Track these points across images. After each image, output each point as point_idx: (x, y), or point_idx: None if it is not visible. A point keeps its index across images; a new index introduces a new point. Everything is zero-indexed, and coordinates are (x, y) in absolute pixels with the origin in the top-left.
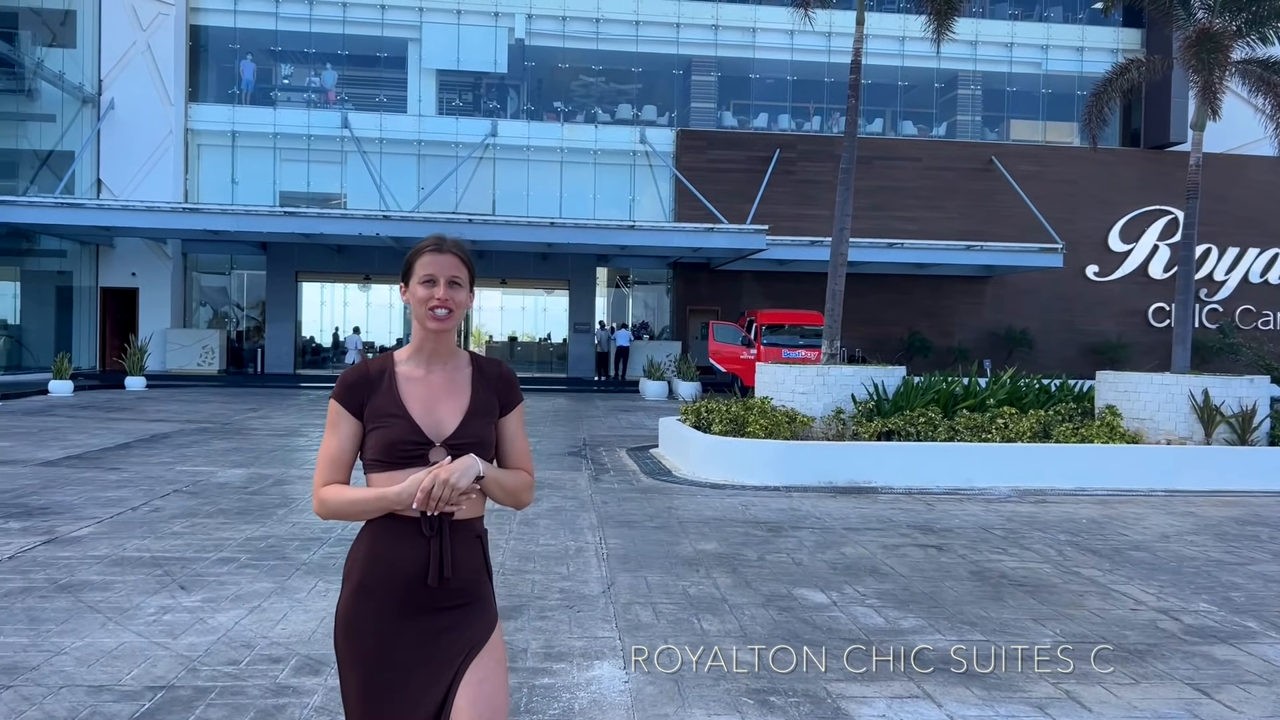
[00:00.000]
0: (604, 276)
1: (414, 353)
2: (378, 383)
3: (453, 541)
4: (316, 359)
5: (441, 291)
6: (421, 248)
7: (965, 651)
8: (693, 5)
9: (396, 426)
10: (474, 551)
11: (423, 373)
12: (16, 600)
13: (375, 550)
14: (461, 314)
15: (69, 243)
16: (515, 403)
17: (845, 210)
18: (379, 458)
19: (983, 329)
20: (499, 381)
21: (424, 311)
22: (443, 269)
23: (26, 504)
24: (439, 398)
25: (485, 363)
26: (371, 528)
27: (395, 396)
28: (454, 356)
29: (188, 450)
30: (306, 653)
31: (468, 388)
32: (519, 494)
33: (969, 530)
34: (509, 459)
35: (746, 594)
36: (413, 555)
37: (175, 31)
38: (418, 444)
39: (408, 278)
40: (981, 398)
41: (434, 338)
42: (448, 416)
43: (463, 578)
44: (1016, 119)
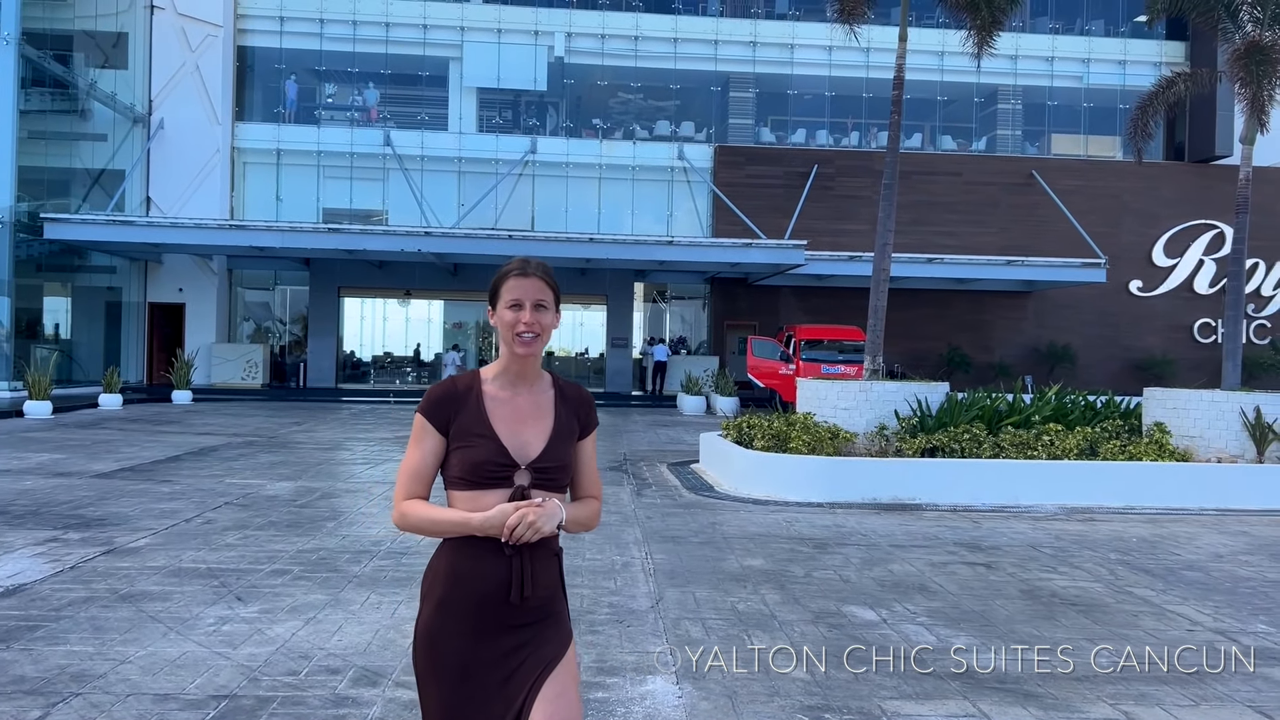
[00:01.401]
0: (640, 291)
1: (500, 373)
2: (465, 400)
3: (533, 559)
4: (357, 373)
5: (528, 315)
6: (507, 271)
7: (1020, 671)
8: (731, 22)
9: (483, 447)
10: (551, 568)
11: (509, 394)
12: (80, 609)
13: (456, 567)
14: (549, 336)
15: (119, 259)
16: (593, 426)
17: (888, 226)
18: (463, 476)
19: (1024, 344)
20: (580, 404)
21: (511, 335)
22: (529, 292)
23: (84, 515)
24: (525, 420)
25: (566, 385)
26: (452, 545)
27: (483, 416)
28: (539, 379)
29: (235, 463)
30: (364, 664)
31: (552, 410)
32: (590, 524)
33: (1017, 548)
34: (581, 481)
35: (795, 610)
36: (494, 573)
37: (223, 52)
38: (503, 466)
39: (494, 301)
40: (1026, 414)
41: (520, 360)
42: (533, 439)
43: (541, 595)
44: (1058, 133)
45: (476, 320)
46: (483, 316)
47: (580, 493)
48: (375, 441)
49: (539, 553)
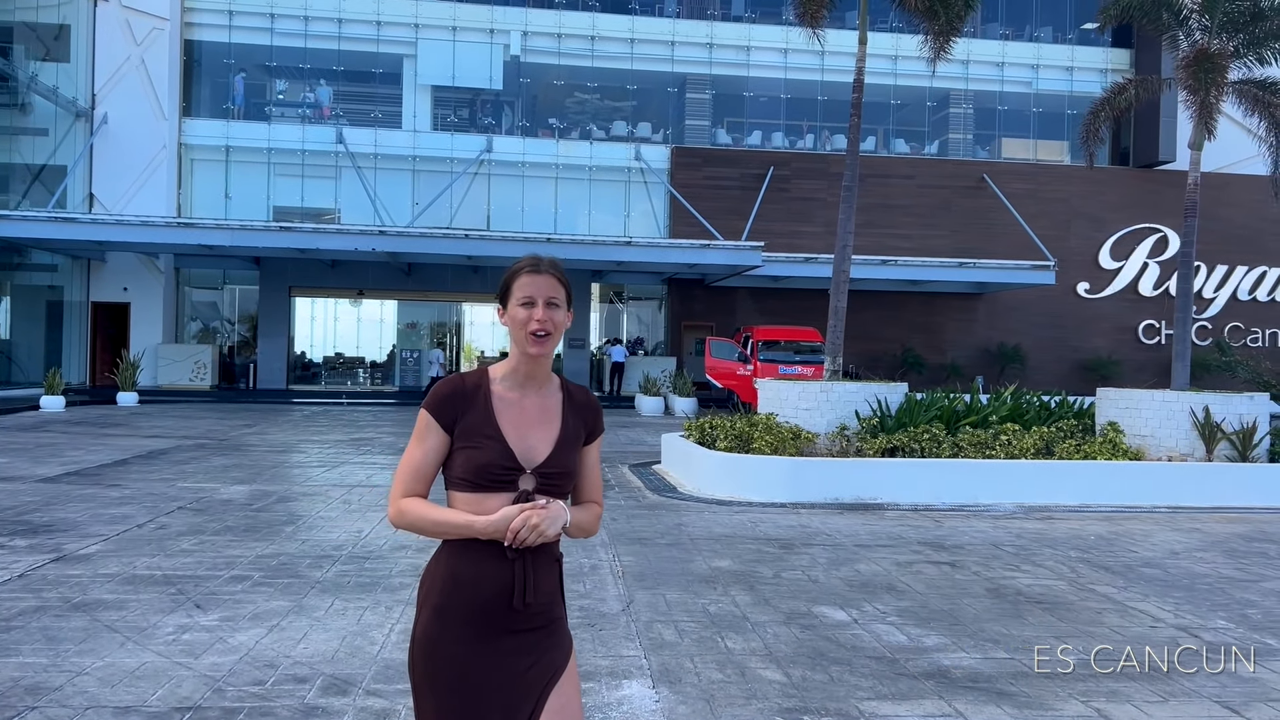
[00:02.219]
0: (597, 292)
1: (509, 373)
2: (473, 399)
3: (535, 564)
4: (308, 375)
5: (541, 313)
6: (518, 269)
7: (993, 669)
8: (688, 24)
9: (489, 449)
10: (553, 574)
11: (517, 395)
12: (32, 619)
13: (456, 572)
14: (560, 335)
15: (60, 257)
16: (599, 432)
17: (848, 228)
18: (466, 477)
19: (975, 345)
20: (587, 410)
21: (523, 335)
22: (541, 290)
23: (30, 521)
24: (532, 423)
25: (575, 389)
26: (451, 548)
27: (490, 417)
28: (548, 381)
29: (187, 467)
30: (332, 672)
31: (559, 415)
32: (591, 529)
33: (980, 547)
34: (584, 487)
35: (767, 612)
36: (495, 577)
37: (170, 46)
38: (508, 469)
39: (505, 299)
40: (984, 414)
41: (531, 361)
42: (540, 443)
43: (542, 600)
44: (1008, 137)
45: (430, 321)
46: (437, 317)
47: (582, 497)
48: (330, 444)
49: (541, 558)
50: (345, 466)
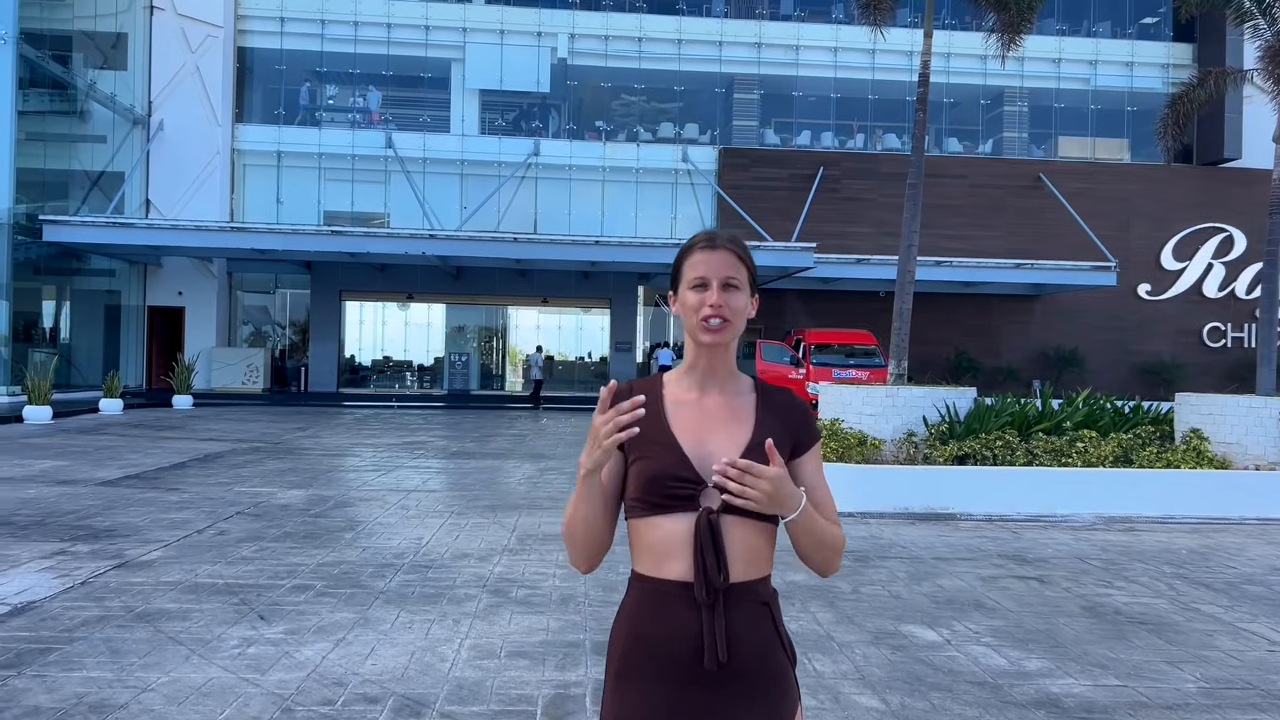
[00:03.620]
0: (643, 295)
1: (685, 372)
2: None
3: (733, 609)
4: (357, 378)
5: (715, 296)
6: (690, 245)
7: (1107, 699)
8: (736, 23)
9: (661, 457)
10: (760, 621)
11: (695, 395)
12: (95, 630)
13: (636, 627)
14: (741, 323)
15: (118, 262)
16: (811, 440)
17: (913, 226)
18: (640, 496)
19: (1031, 348)
20: (790, 411)
21: (695, 322)
22: (716, 269)
23: (92, 526)
24: (714, 426)
25: (772, 390)
26: (631, 595)
27: (662, 422)
28: (733, 378)
29: (243, 470)
30: (403, 692)
31: (751, 416)
32: (831, 554)
33: (1065, 560)
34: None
35: (852, 631)
36: (682, 630)
37: (223, 53)
38: (685, 481)
39: (676, 283)
40: (1058, 420)
41: (708, 353)
42: (722, 449)
43: (747, 655)
44: (1065, 135)
45: (477, 325)
46: (484, 320)
47: None
48: (383, 447)
49: (740, 599)
50: (400, 471)
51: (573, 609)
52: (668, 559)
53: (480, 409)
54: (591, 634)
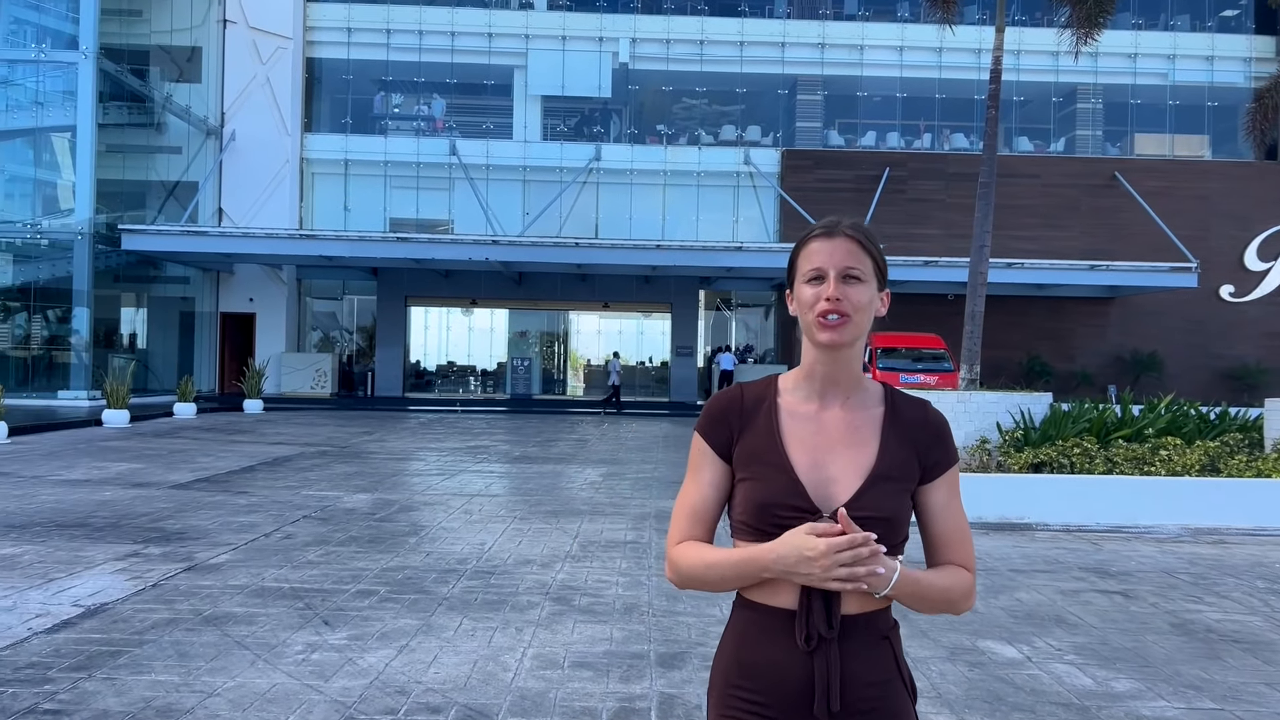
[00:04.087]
0: (704, 299)
1: (802, 379)
2: (753, 414)
3: (848, 647)
4: (422, 383)
5: (832, 288)
6: (807, 235)
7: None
8: (799, 24)
9: (771, 481)
10: (880, 657)
11: (813, 407)
12: (164, 633)
13: (740, 660)
14: (866, 322)
15: (192, 269)
16: (947, 464)
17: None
18: (746, 521)
19: (1107, 353)
20: (922, 430)
21: (811, 318)
22: (834, 259)
23: (164, 528)
24: (833, 446)
25: (904, 401)
26: (733, 627)
27: (774, 438)
28: (858, 388)
29: (310, 474)
30: (465, 702)
31: (876, 436)
32: (954, 602)
33: (1150, 574)
34: (936, 543)
35: (927, 646)
36: (792, 665)
37: (293, 64)
38: (797, 512)
39: (791, 279)
40: (1139, 427)
41: (827, 357)
42: (842, 475)
43: (864, 696)
44: (1141, 133)
45: (539, 330)
46: (546, 325)
47: (937, 559)
48: (446, 451)
49: (858, 636)
50: (463, 475)
51: (637, 619)
52: (778, 586)
53: (542, 413)
54: (656, 645)
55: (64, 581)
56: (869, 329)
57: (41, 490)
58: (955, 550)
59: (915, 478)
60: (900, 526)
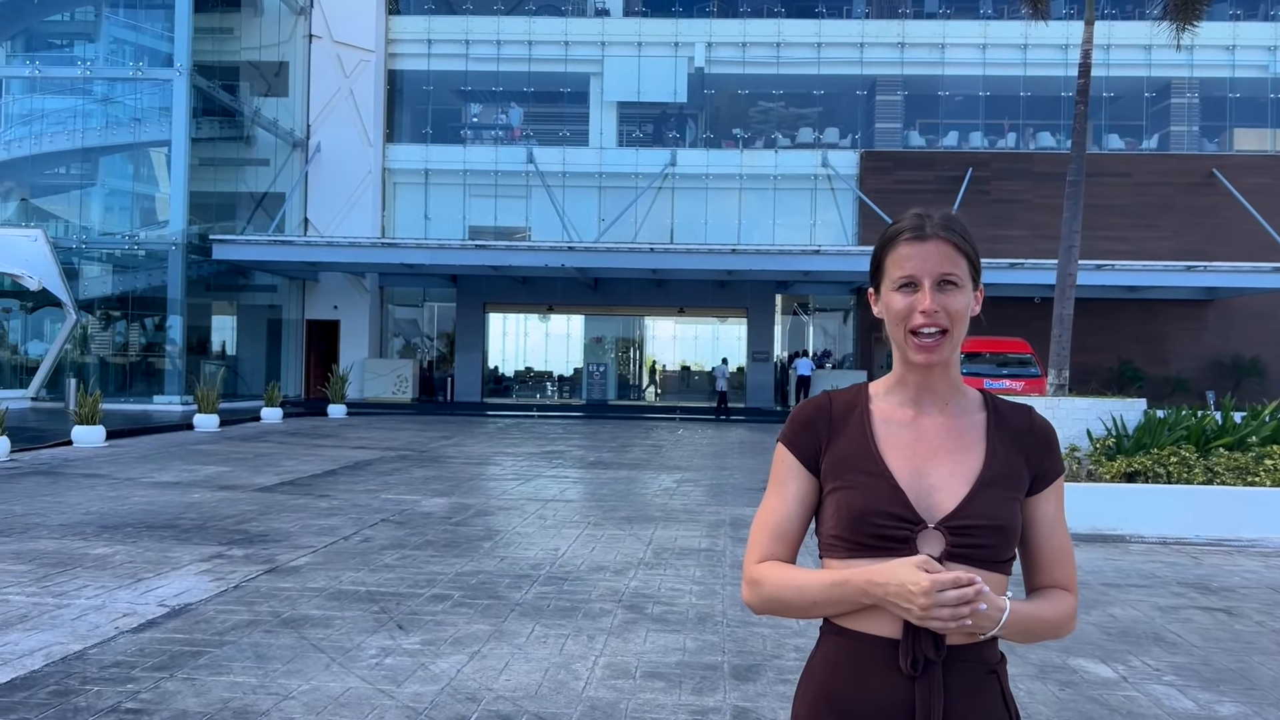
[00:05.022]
0: (781, 304)
1: (895, 386)
2: (843, 422)
3: (953, 680)
4: (500, 388)
5: (928, 300)
6: (895, 233)
7: None
8: (877, 24)
9: (868, 488)
10: (986, 692)
11: (910, 414)
12: (244, 634)
13: (830, 688)
14: (963, 330)
15: (279, 278)
16: (1055, 473)
17: (1074, 227)
18: (840, 535)
19: (1204, 357)
20: (1030, 438)
21: (902, 334)
22: (928, 265)
23: (247, 530)
24: (934, 454)
25: (1009, 407)
26: (824, 650)
27: (868, 445)
28: (958, 395)
29: (390, 478)
30: (536, 710)
31: (982, 441)
32: (1057, 629)
33: (1256, 590)
34: (1041, 561)
35: (1014, 663)
36: (888, 700)
37: (375, 76)
38: (899, 521)
39: (877, 281)
40: (1241, 435)
41: (920, 373)
42: (947, 482)
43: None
44: (1240, 127)
45: (615, 335)
46: (621, 331)
47: (1040, 579)
48: (523, 456)
49: (963, 668)
50: (539, 480)
51: (710, 629)
52: (878, 611)
53: (617, 419)
54: (729, 656)
55: (151, 582)
56: (964, 336)
57: (135, 492)
58: (1059, 570)
59: (1024, 486)
60: (1013, 537)
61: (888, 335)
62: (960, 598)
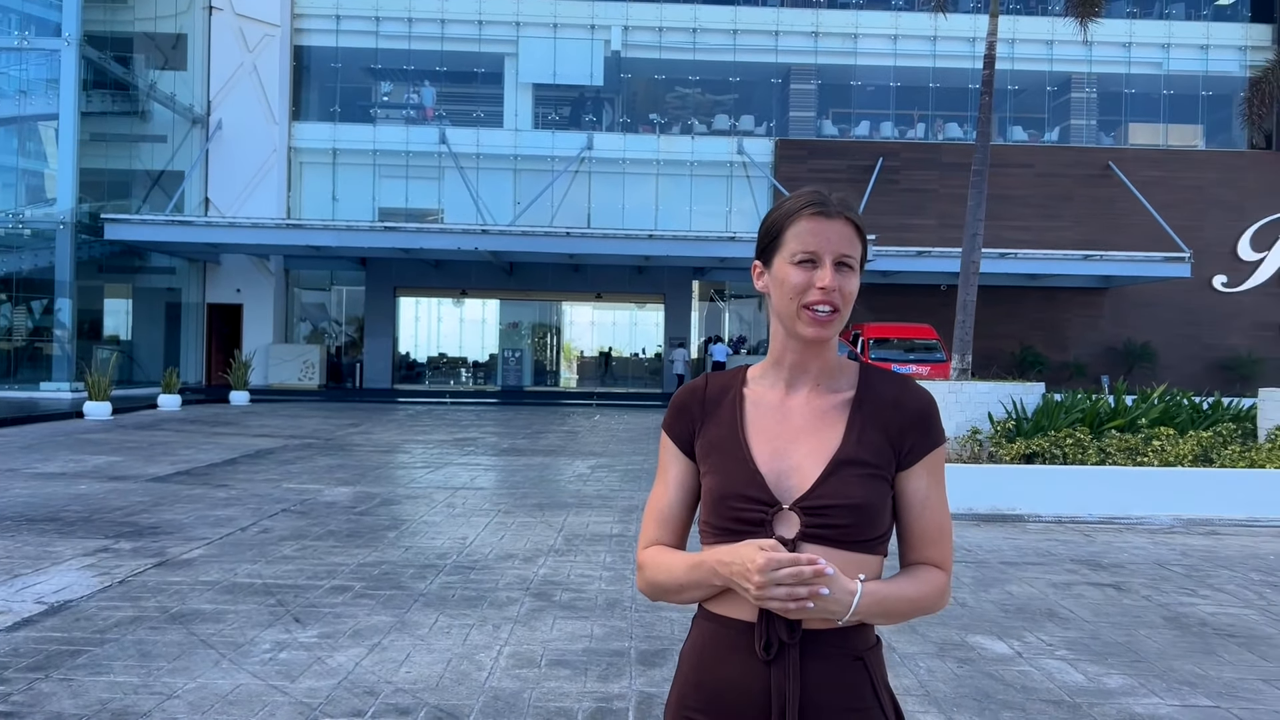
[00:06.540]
0: (698, 290)
1: (770, 366)
2: (716, 405)
3: (810, 664)
4: (412, 375)
5: (829, 277)
6: (795, 208)
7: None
8: (792, 12)
9: (729, 472)
10: (852, 680)
11: (779, 394)
12: (128, 631)
13: (698, 673)
14: (849, 313)
15: (178, 260)
16: (925, 448)
17: (978, 216)
18: (706, 519)
19: (1100, 343)
20: (898, 412)
21: (795, 308)
22: (830, 243)
23: (137, 523)
24: (797, 434)
25: (882, 380)
26: (695, 636)
27: (735, 428)
28: (830, 374)
29: (293, 467)
30: (436, 703)
31: (843, 420)
32: (924, 611)
33: (1143, 566)
34: (911, 538)
35: (915, 641)
36: (750, 684)
37: (280, 52)
38: (755, 503)
39: (769, 253)
40: (1132, 417)
41: (806, 349)
42: (805, 463)
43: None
44: (1136, 122)
45: (531, 321)
46: (538, 316)
47: (911, 556)
48: (433, 444)
49: (824, 651)
50: (449, 468)
51: (619, 615)
52: (737, 594)
53: (534, 405)
54: (637, 642)
55: (29, 578)
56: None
57: (14, 484)
58: (931, 548)
59: (891, 463)
60: (876, 517)
61: (770, 309)
62: (795, 577)
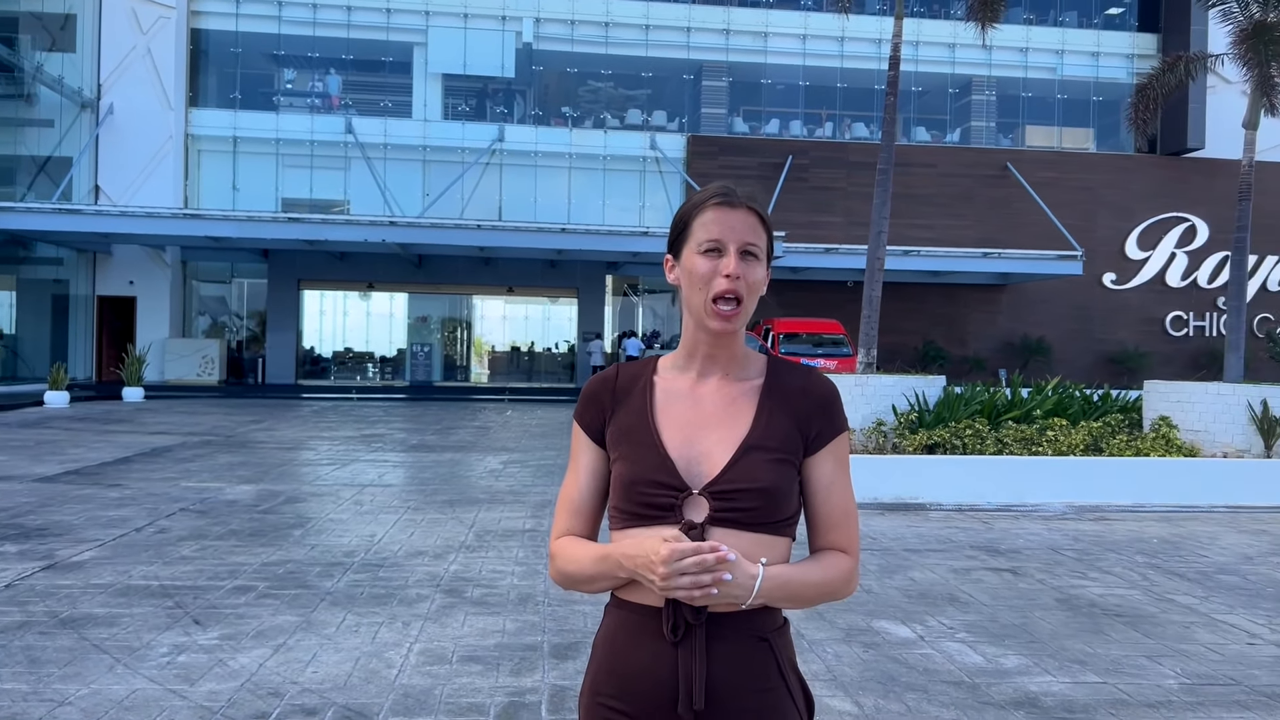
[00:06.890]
0: (611, 285)
1: (683, 356)
2: (626, 394)
3: (716, 646)
4: (317, 370)
5: (733, 264)
6: (701, 200)
7: (1088, 697)
8: (704, 9)
9: (640, 458)
10: (757, 662)
11: (690, 383)
12: (14, 637)
13: (610, 659)
14: (754, 303)
15: (66, 250)
16: (831, 434)
17: (883, 214)
18: (616, 505)
19: (998, 338)
20: (804, 399)
21: (702, 299)
22: (735, 232)
23: (23, 524)
24: (706, 421)
25: (789, 370)
26: (607, 623)
27: (646, 415)
28: (739, 364)
29: (191, 465)
30: (344, 702)
31: (752, 407)
32: (830, 592)
33: (1038, 551)
34: (818, 523)
35: (822, 627)
36: (659, 668)
37: (176, 35)
38: (665, 489)
39: (678, 245)
40: (1028, 409)
41: (713, 339)
42: (715, 449)
43: (739, 706)
44: (1032, 125)
45: (441, 314)
46: (448, 310)
47: (818, 541)
48: (340, 440)
49: (730, 633)
50: (356, 464)
51: (531, 609)
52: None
53: (444, 400)
54: (550, 636)
55: None
56: (754, 310)
57: None
58: (837, 533)
59: (798, 449)
60: (782, 500)
61: (682, 302)
62: (698, 565)
